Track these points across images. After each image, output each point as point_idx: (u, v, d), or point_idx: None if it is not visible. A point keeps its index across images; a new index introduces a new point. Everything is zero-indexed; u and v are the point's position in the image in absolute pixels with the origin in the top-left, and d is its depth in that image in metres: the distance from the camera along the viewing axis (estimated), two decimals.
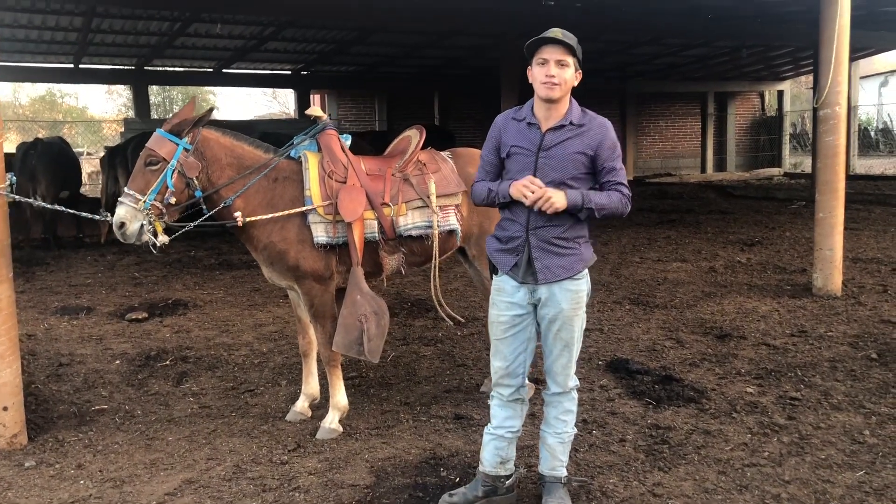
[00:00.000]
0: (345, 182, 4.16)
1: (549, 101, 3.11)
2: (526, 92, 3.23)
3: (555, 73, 3.05)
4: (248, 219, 4.09)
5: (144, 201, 3.87)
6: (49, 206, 4.73)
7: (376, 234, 4.24)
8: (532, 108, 3.20)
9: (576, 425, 3.42)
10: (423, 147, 4.54)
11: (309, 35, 14.95)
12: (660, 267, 9.02)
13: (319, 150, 4.30)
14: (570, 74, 3.10)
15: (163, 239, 3.99)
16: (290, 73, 19.50)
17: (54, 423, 4.57)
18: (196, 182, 4.01)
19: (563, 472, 3.34)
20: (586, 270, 3.21)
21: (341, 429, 4.29)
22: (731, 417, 4.36)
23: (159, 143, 3.94)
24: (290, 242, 4.15)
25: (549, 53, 3.07)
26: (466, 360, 5.63)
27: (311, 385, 4.60)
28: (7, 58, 15.71)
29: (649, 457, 3.86)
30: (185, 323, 6.92)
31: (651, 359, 5.50)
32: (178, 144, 3.94)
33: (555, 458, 3.31)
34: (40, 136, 15.28)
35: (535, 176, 3.07)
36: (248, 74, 19.25)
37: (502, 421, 3.32)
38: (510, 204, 3.17)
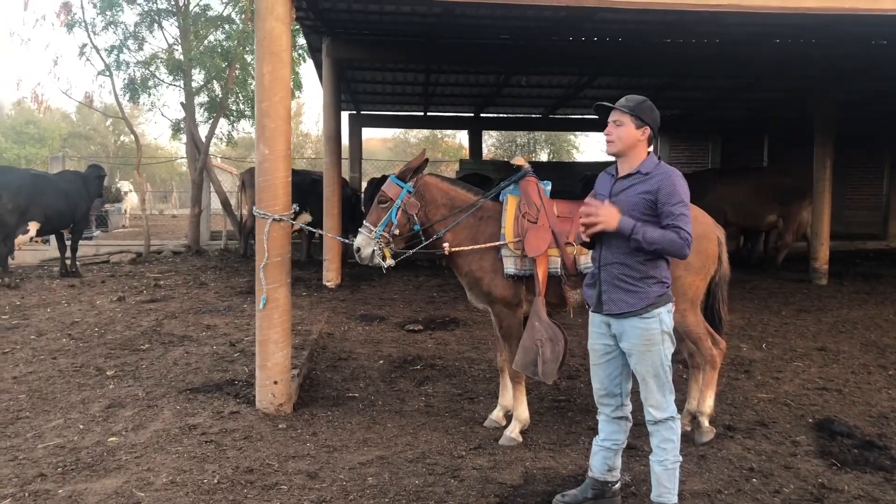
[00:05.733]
0: (535, 222, 4.79)
1: (614, 156, 3.63)
2: (842, 139, 3.60)
3: (610, 130, 3.58)
4: (453, 249, 4.93)
5: (375, 231, 4.91)
6: (312, 230, 6.06)
7: (559, 270, 4.78)
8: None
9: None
10: None
11: (622, 83, 15.56)
12: None
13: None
14: (627, 131, 3.54)
15: (389, 262, 4.99)
16: None
17: (316, 401, 5.80)
18: (416, 218, 4.95)
19: (671, 500, 3.57)
20: (662, 311, 3.50)
21: (521, 438, 4.88)
22: None
23: (389, 186, 4.96)
24: (485, 271, 4.89)
25: (610, 117, 3.63)
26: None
27: (506, 398, 5.24)
28: (370, 108, 18.88)
29: None
30: (447, 337, 8.01)
31: (871, 424, 5.18)
32: (402, 187, 4.93)
33: (661, 486, 3.58)
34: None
35: None
36: (570, 119, 20.45)
37: (608, 434, 3.79)
38: (592, 245, 3.67)
